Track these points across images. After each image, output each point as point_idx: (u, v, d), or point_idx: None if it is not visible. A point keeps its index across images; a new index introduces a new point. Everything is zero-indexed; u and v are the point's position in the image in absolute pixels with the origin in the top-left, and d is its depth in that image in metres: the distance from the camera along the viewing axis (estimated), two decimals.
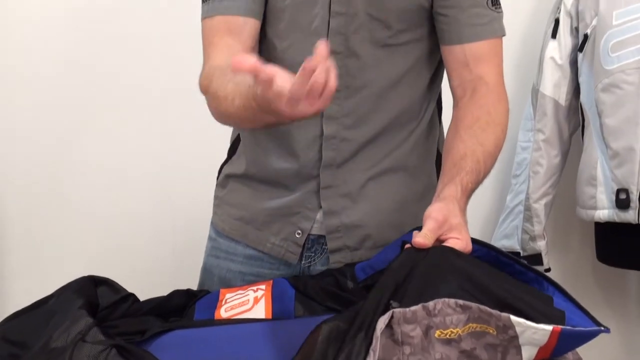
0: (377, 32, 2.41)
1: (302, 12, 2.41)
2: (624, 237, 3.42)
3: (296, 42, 2.44)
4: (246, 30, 2.41)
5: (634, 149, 3.29)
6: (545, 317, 1.85)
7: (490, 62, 2.44)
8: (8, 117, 3.74)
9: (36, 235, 3.77)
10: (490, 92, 2.40)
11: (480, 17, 2.42)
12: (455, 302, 1.80)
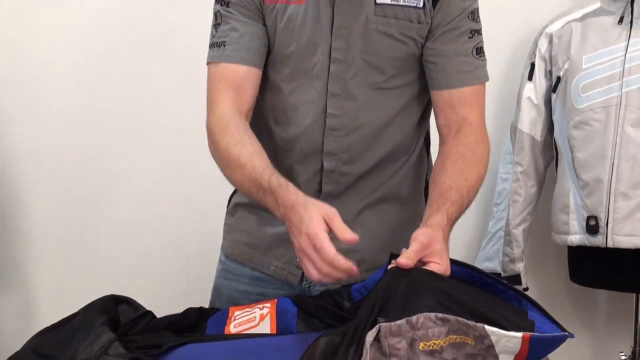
0: (372, 77, 2.42)
1: (305, 59, 2.42)
2: (594, 259, 3.42)
3: (300, 86, 2.45)
4: (248, 79, 2.43)
5: (602, 180, 3.30)
6: (517, 326, 1.85)
7: (474, 105, 2.46)
8: (32, 145, 3.73)
9: (65, 256, 3.78)
10: (474, 132, 2.42)
11: (467, 65, 2.44)
12: (436, 315, 1.80)
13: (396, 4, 2.38)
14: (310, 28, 2.40)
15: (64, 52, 3.71)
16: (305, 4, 2.39)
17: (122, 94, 3.73)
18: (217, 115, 2.38)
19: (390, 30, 2.39)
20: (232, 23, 2.43)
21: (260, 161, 2.24)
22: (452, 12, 2.41)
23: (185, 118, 3.62)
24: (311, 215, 2.03)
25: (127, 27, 3.70)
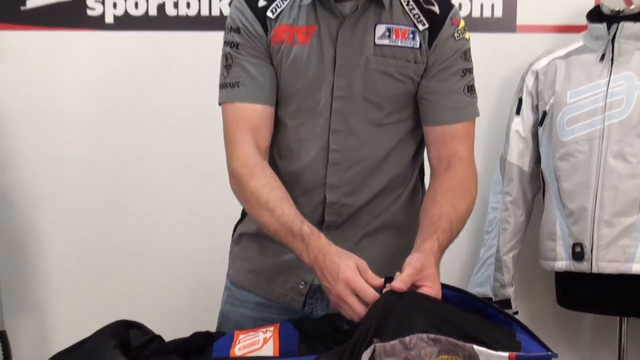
0: (372, 114, 2.43)
1: (309, 96, 2.43)
2: (580, 284, 3.41)
3: (304, 122, 2.46)
4: (264, 118, 2.44)
5: (587, 209, 3.29)
6: (504, 347, 1.86)
7: (465, 140, 2.48)
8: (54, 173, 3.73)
9: (78, 284, 3.79)
10: (464, 166, 2.44)
11: (459, 102, 2.46)
12: (427, 336, 1.82)
13: (394, 45, 2.40)
14: (314, 68, 2.41)
15: (83, 80, 3.75)
16: (309, 45, 2.40)
17: (134, 129, 3.75)
18: (241, 156, 2.39)
19: (389, 69, 2.41)
20: (243, 64, 2.43)
21: (289, 207, 2.30)
22: (446, 53, 2.44)
23: (194, 156, 3.66)
24: (347, 263, 2.12)
25: (138, 59, 3.72)
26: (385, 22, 2.41)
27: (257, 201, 2.33)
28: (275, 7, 2.42)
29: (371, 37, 2.40)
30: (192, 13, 3.67)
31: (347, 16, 2.39)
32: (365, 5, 2.39)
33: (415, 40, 2.41)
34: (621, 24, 3.33)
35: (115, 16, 3.67)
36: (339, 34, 2.39)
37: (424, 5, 2.43)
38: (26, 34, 3.68)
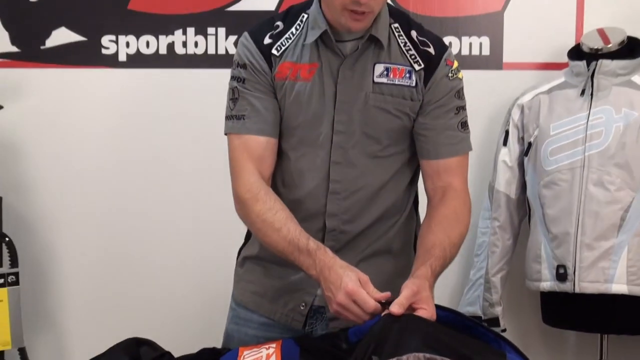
0: (370, 147, 2.45)
1: (311, 130, 2.44)
2: (563, 304, 3.40)
3: (306, 154, 2.47)
4: (268, 149, 2.45)
5: (570, 233, 3.30)
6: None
7: (459, 173, 2.50)
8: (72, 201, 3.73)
9: (93, 304, 3.80)
10: (458, 197, 2.45)
11: (453, 138, 2.48)
12: (424, 355, 1.82)
13: (392, 83, 2.41)
14: (316, 103, 2.42)
15: (98, 113, 3.77)
16: (312, 81, 2.41)
17: (146, 159, 3.77)
18: (246, 183, 2.40)
19: (387, 106, 2.42)
20: (249, 98, 2.44)
21: (294, 226, 2.31)
22: (441, 91, 2.45)
23: (202, 188, 3.68)
24: (350, 276, 2.15)
25: (150, 98, 3.72)
26: (384, 62, 2.42)
27: (263, 223, 2.35)
28: (280, 45, 2.44)
29: (370, 75, 2.42)
30: (200, 52, 3.69)
31: (348, 55, 2.41)
32: (365, 45, 2.40)
33: (411, 79, 2.42)
34: (600, 61, 3.35)
35: (128, 55, 3.69)
36: (339, 71, 2.41)
37: (420, 47, 2.44)
38: (46, 71, 3.70)
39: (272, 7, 3.63)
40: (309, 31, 2.42)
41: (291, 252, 2.29)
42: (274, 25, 2.47)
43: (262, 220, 2.35)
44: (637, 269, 3.25)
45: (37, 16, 3.69)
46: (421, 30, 2.49)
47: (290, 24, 2.47)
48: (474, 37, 3.71)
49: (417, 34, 2.46)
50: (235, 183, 2.44)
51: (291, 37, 2.44)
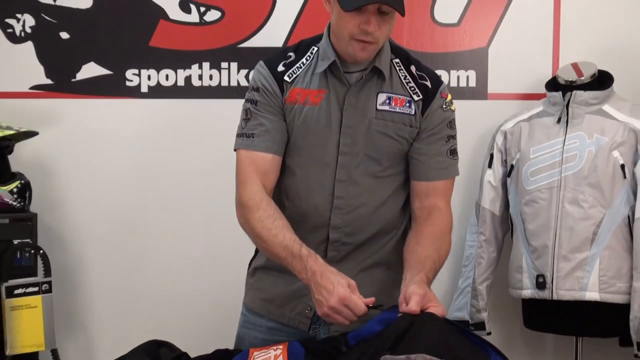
0: (371, 167, 2.46)
1: (317, 149, 2.46)
2: (542, 310, 3.40)
3: (311, 171, 2.48)
4: (272, 165, 2.46)
5: (548, 246, 3.30)
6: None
7: (444, 194, 2.52)
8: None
9: (118, 308, 3.80)
10: (443, 217, 2.48)
11: (442, 163, 2.50)
12: (431, 358, 1.82)
13: (393, 111, 2.44)
14: (323, 126, 2.44)
15: (122, 138, 3.77)
16: (319, 106, 2.43)
17: (164, 179, 3.78)
18: (250, 192, 2.41)
19: (388, 131, 2.44)
20: (260, 119, 2.45)
21: (289, 233, 2.32)
22: (435, 121, 2.47)
23: (215, 204, 3.67)
24: (340, 281, 2.16)
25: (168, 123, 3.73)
26: (386, 92, 2.44)
27: (262, 229, 2.35)
28: (292, 72, 2.46)
29: (373, 103, 2.43)
30: (214, 84, 3.69)
31: (353, 84, 2.43)
32: (368, 76, 2.43)
33: (411, 108, 2.45)
34: (574, 92, 3.35)
35: (149, 86, 3.70)
36: (345, 98, 2.43)
37: (419, 80, 2.47)
38: (76, 101, 3.70)
39: (280, 44, 3.65)
40: (319, 61, 2.45)
41: (285, 257, 2.30)
42: (287, 55, 2.50)
43: (261, 226, 2.35)
44: (608, 278, 3.25)
45: (69, 52, 3.70)
46: (419, 66, 2.52)
47: (302, 55, 2.49)
48: (461, 71, 3.71)
49: (415, 69, 2.50)
50: (240, 192, 2.45)
51: (302, 66, 2.47)
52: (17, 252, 3.18)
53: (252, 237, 2.44)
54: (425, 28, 3.68)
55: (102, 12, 3.69)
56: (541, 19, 3.69)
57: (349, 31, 2.31)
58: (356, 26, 2.30)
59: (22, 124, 3.41)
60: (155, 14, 3.69)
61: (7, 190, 3.25)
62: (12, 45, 3.69)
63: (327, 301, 2.16)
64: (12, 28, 3.69)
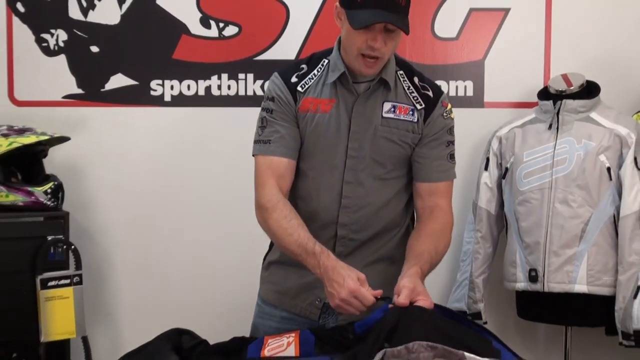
0: (376, 170, 2.48)
1: (328, 154, 2.47)
2: (535, 301, 3.39)
3: (322, 173, 2.49)
4: (288, 169, 2.47)
5: (540, 243, 3.29)
6: (488, 353, 1.89)
7: (445, 195, 2.53)
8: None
9: (142, 300, 3.80)
10: (445, 215, 2.50)
11: (442, 166, 2.51)
12: (427, 344, 1.83)
13: (397, 119, 2.45)
14: (333, 132, 2.45)
15: (147, 143, 3.77)
16: (329, 113, 2.44)
17: (186, 181, 3.77)
18: (268, 194, 2.42)
19: (393, 137, 2.45)
20: (275, 126, 2.46)
21: (304, 232, 2.33)
22: (436, 128, 2.49)
23: (231, 205, 3.68)
24: (350, 275, 2.19)
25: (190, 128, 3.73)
26: (391, 101, 2.46)
27: (279, 228, 2.37)
28: (304, 83, 2.48)
29: (379, 111, 2.45)
30: (232, 93, 3.69)
31: (361, 94, 2.44)
32: (375, 86, 2.44)
33: (414, 116, 2.47)
34: (564, 101, 3.34)
35: (172, 96, 3.69)
36: (354, 107, 2.44)
37: (421, 90, 2.49)
38: (105, 110, 3.70)
39: (293, 57, 3.65)
40: (330, 73, 2.47)
41: (300, 254, 2.32)
42: (300, 67, 2.52)
43: (278, 226, 2.37)
44: (595, 272, 3.24)
45: (98, 64, 3.70)
46: (422, 77, 2.54)
47: (313, 67, 2.51)
48: (459, 81, 3.70)
49: (418, 80, 2.52)
50: (258, 194, 2.46)
51: (313, 78, 2.48)
52: (51, 247, 3.18)
53: (270, 236, 2.46)
54: (426, 42, 3.67)
55: (129, 28, 3.69)
56: (533, 34, 3.68)
57: (357, 47, 2.33)
58: (364, 42, 2.32)
59: (56, 130, 3.41)
60: (177, 29, 3.69)
61: (42, 191, 3.25)
62: (46, 58, 3.69)
63: (338, 294, 2.18)
64: (46, 42, 3.69)
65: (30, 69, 3.68)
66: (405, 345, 1.83)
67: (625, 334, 3.20)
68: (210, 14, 3.69)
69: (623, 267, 3.22)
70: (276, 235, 2.40)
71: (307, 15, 3.68)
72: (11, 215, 3.22)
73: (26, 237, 3.17)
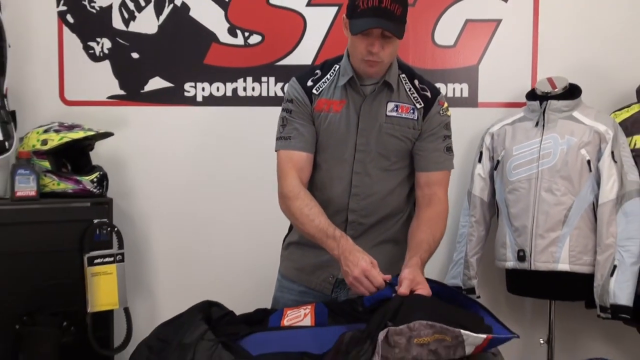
0: (382, 162, 2.50)
1: (339, 148, 2.49)
2: (522, 278, 3.37)
3: (334, 165, 2.52)
4: (307, 162, 2.50)
5: (527, 227, 3.27)
6: (481, 330, 1.92)
7: (442, 185, 2.54)
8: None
9: (177, 276, 3.79)
10: (441, 204, 2.50)
11: (439, 157, 2.53)
12: (427, 322, 1.86)
13: (400, 117, 2.47)
14: (343, 129, 2.47)
15: (182, 138, 3.75)
16: (341, 113, 2.47)
17: (216, 172, 3.76)
18: (289, 184, 2.44)
19: (396, 133, 2.47)
20: (295, 124, 2.49)
21: (324, 218, 2.36)
22: (434, 124, 2.50)
23: (254, 193, 3.67)
24: (364, 258, 2.21)
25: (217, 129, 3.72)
26: (394, 101, 2.47)
27: (301, 215, 2.39)
28: (318, 87, 2.50)
29: (384, 110, 2.47)
30: (256, 94, 3.68)
31: (368, 95, 2.46)
32: (380, 88, 2.46)
33: (414, 114, 2.48)
34: (549, 101, 3.32)
35: (203, 96, 3.69)
36: (362, 107, 2.46)
37: (421, 92, 2.51)
38: (144, 108, 3.70)
39: (309, 62, 3.63)
40: (340, 77, 2.48)
41: (320, 238, 2.33)
42: (315, 72, 2.54)
43: (300, 213, 2.39)
44: (576, 253, 3.22)
45: (138, 69, 3.70)
46: (421, 79, 2.56)
47: (326, 72, 2.53)
48: (456, 84, 3.68)
49: (418, 82, 2.54)
50: (281, 185, 2.47)
51: (326, 82, 2.51)
52: (96, 229, 3.18)
53: (292, 221, 2.49)
54: (427, 49, 3.65)
55: (165, 37, 3.69)
56: (522, 42, 3.66)
57: (359, 52, 2.36)
58: (364, 48, 2.34)
59: (101, 126, 3.42)
60: (208, 38, 3.68)
61: (89, 180, 3.26)
62: (93, 64, 3.69)
63: (352, 272, 2.19)
64: (93, 50, 3.69)
65: (79, 73, 3.69)
66: (407, 324, 1.85)
67: (602, 308, 3.19)
68: (236, 25, 3.69)
69: (601, 249, 3.21)
70: (299, 220, 2.41)
71: (322, 26, 3.67)
72: (62, 201, 3.23)
73: (75, 220, 3.18)
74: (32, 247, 3.08)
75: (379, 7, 2.26)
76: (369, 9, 2.27)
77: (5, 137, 3.10)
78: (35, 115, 3.55)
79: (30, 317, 3.00)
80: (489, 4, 3.66)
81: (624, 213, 3.20)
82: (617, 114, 3.44)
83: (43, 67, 3.67)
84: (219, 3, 3.68)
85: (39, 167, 3.22)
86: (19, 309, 3.02)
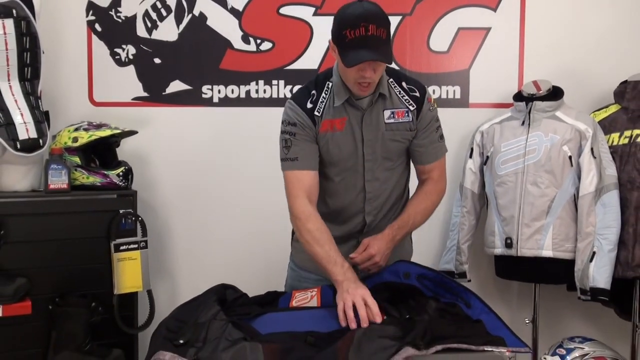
0: (386, 164, 2.51)
1: (349, 161, 2.49)
2: (509, 263, 3.37)
3: (346, 176, 2.51)
4: (315, 180, 2.46)
5: (514, 217, 3.27)
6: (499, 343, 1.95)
7: (437, 168, 2.58)
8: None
9: (194, 260, 3.77)
10: (432, 183, 2.57)
11: (436, 149, 2.55)
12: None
13: (397, 122, 2.46)
14: (350, 144, 2.46)
15: (200, 135, 3.74)
16: (344, 130, 2.45)
17: (230, 167, 3.75)
18: (300, 205, 2.40)
19: (396, 137, 2.48)
20: (300, 145, 2.44)
21: (333, 245, 2.33)
22: (426, 120, 2.50)
23: (264, 188, 3.63)
24: (364, 287, 2.16)
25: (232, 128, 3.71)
26: (389, 108, 2.46)
27: (312, 238, 2.36)
28: (319, 108, 2.44)
29: (382, 119, 2.45)
30: (267, 96, 3.66)
31: (366, 109, 2.44)
32: (375, 100, 2.44)
33: (409, 116, 2.47)
34: (534, 102, 3.32)
35: (219, 98, 3.67)
36: (363, 120, 2.45)
37: (410, 93, 2.48)
38: (165, 109, 3.69)
39: (315, 66, 3.62)
40: (335, 96, 2.44)
41: (327, 263, 2.29)
42: (310, 93, 2.48)
43: (311, 237, 2.35)
44: (559, 240, 3.22)
45: (160, 73, 3.69)
46: (407, 79, 2.52)
47: (320, 90, 2.47)
48: (449, 86, 3.66)
49: (405, 84, 2.50)
50: (291, 207, 2.44)
51: (324, 101, 2.45)
52: (122, 219, 3.17)
53: (302, 241, 2.43)
54: (422, 54, 3.63)
55: (185, 44, 3.67)
56: (510, 48, 3.64)
57: (352, 77, 2.32)
58: (357, 73, 2.30)
59: (126, 125, 3.41)
60: (224, 45, 3.67)
61: (115, 174, 3.24)
62: (119, 68, 3.68)
63: (352, 296, 2.12)
64: (119, 55, 3.68)
65: (106, 77, 3.67)
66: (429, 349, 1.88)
67: (582, 290, 3.19)
68: (249, 33, 3.67)
69: (581, 236, 3.20)
70: (308, 242, 2.37)
71: (327, 33, 3.49)
72: (91, 193, 3.22)
73: (103, 211, 3.17)
74: (63, 235, 3.08)
75: (366, 35, 2.18)
76: (357, 38, 2.19)
77: (40, 135, 3.09)
78: (67, 115, 3.54)
79: (62, 299, 3.01)
80: (480, 14, 3.64)
81: (602, 204, 3.19)
82: (597, 113, 3.42)
83: (73, 72, 3.65)
84: (233, 13, 3.67)
85: (70, 162, 3.22)
86: (52, 291, 3.03)
